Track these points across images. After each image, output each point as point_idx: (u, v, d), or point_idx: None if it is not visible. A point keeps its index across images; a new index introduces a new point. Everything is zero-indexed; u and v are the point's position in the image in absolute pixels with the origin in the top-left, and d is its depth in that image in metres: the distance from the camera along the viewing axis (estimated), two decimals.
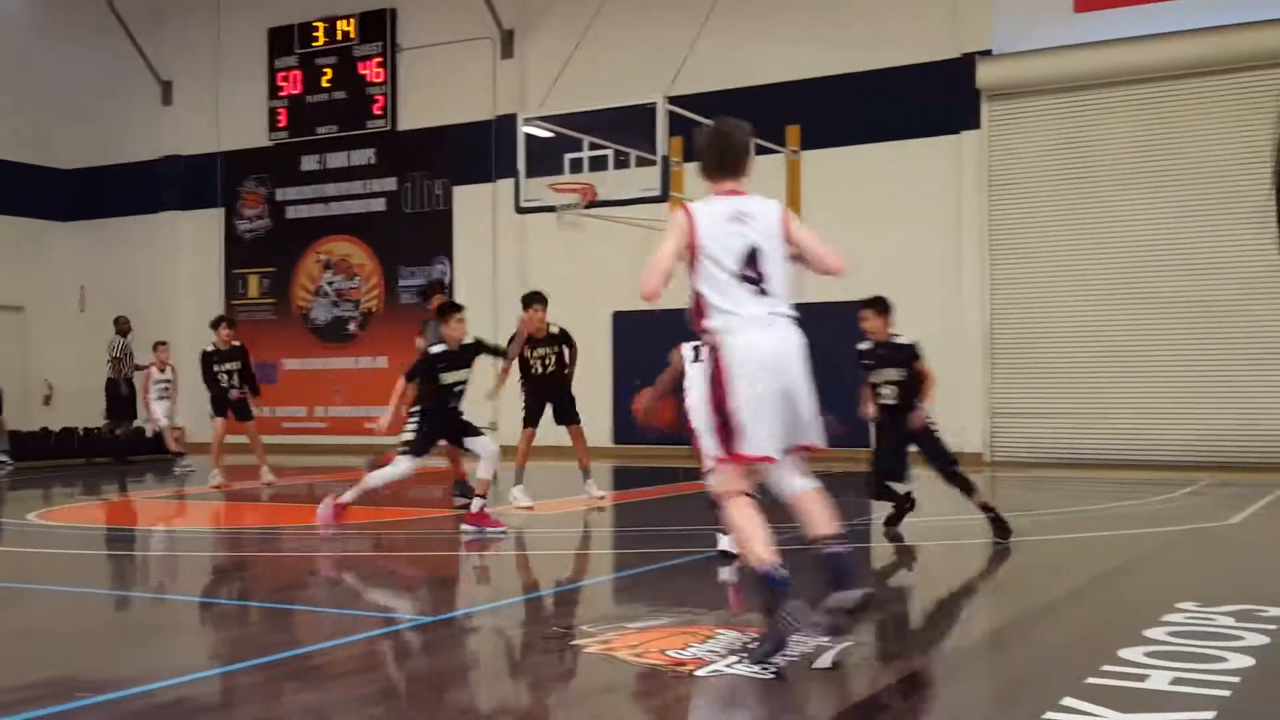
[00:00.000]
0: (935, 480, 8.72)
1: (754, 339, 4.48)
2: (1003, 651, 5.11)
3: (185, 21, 21.41)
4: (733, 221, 4.58)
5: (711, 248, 4.54)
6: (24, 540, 9.29)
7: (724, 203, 4.65)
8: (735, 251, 4.54)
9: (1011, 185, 15.47)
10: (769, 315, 4.54)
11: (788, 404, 4.53)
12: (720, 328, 4.51)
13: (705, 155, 4.78)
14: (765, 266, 4.57)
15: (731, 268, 4.53)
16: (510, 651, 5.21)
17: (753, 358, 4.46)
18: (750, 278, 4.54)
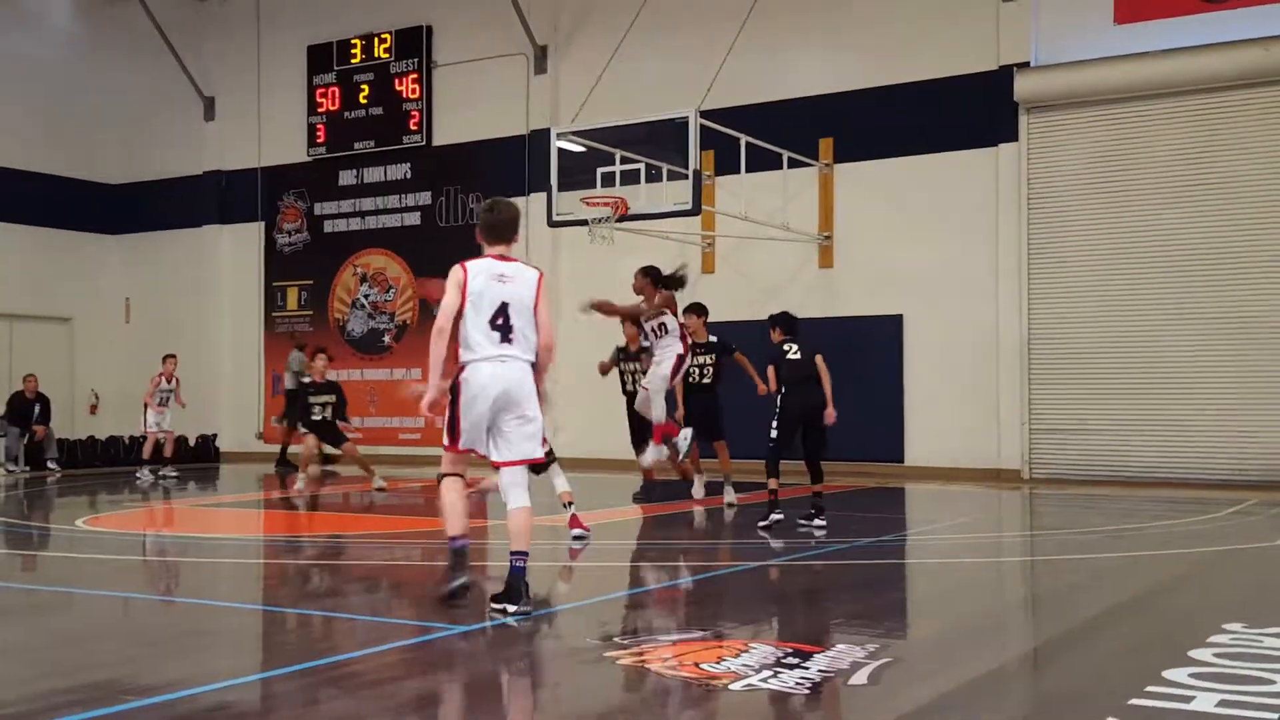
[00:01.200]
0: (975, 497, 8.64)
1: (485, 373, 5.74)
2: (1043, 671, 5.05)
3: (228, 39, 21.69)
4: (494, 280, 5.81)
5: (475, 298, 5.77)
6: (73, 546, 9.41)
7: (490, 264, 5.89)
8: (493, 304, 5.77)
9: (1050, 198, 15.35)
10: (503, 356, 5.77)
11: (492, 420, 5.79)
12: (467, 361, 5.81)
13: (482, 225, 6.09)
14: (513, 319, 5.79)
15: (486, 315, 5.75)
16: (544, 662, 5.21)
17: (480, 384, 5.74)
18: (499, 325, 5.76)
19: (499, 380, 5.72)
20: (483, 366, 5.74)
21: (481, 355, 5.74)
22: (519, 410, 5.77)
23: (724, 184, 16.52)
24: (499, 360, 5.75)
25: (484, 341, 5.75)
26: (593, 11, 18.24)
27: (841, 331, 16.35)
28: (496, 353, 5.75)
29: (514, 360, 5.78)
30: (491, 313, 5.76)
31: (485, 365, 5.73)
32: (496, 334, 5.76)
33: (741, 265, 17.10)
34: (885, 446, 16.04)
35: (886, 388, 16.09)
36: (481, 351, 5.75)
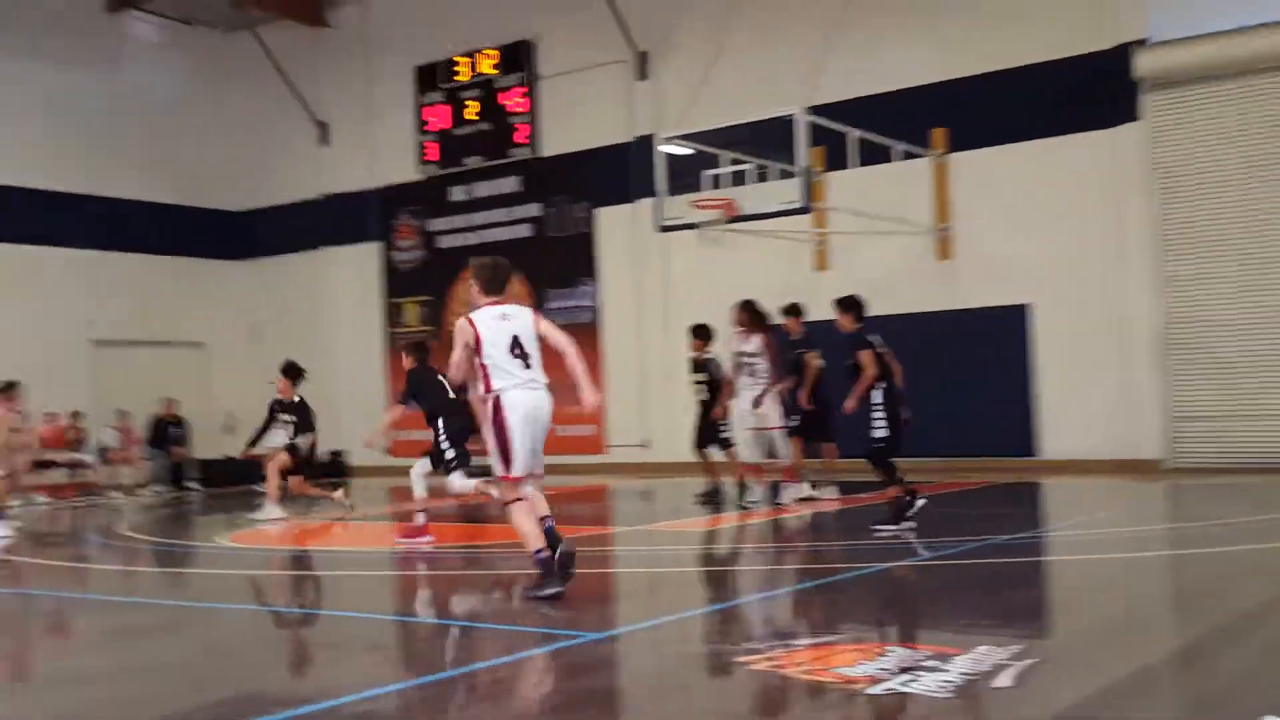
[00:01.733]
0: (1114, 489, 8.35)
1: (522, 396, 6.46)
2: (1193, 668, 4.83)
3: (338, 65, 22.24)
4: (500, 320, 6.59)
5: (490, 338, 6.50)
6: (215, 562, 9.71)
7: (493, 309, 6.65)
8: (506, 339, 6.52)
9: (1179, 177, 14.77)
10: (531, 381, 6.50)
11: (536, 443, 6.52)
12: (500, 389, 6.45)
13: (482, 280, 6.78)
14: (526, 348, 6.54)
15: (504, 348, 6.49)
16: (677, 669, 5.16)
17: (523, 407, 6.44)
18: (518, 354, 6.51)
19: (535, 404, 6.52)
20: (517, 394, 6.44)
21: (513, 382, 6.46)
22: (547, 427, 6.63)
23: (834, 180, 16.31)
24: (529, 386, 6.49)
25: (511, 369, 6.48)
26: (692, 14, 18.20)
27: (963, 324, 16.01)
28: (526, 378, 6.49)
29: (539, 385, 6.56)
30: (508, 344, 6.51)
31: (518, 392, 6.44)
32: (519, 361, 6.51)
33: (855, 261, 16.84)
34: (1016, 441, 15.61)
35: (1014, 380, 15.67)
36: (512, 379, 6.47)
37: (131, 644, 6.19)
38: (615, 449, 19.13)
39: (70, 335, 20.19)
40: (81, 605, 7.93)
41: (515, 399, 6.44)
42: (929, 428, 16.07)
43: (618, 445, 19.10)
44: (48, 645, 6.59)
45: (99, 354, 20.77)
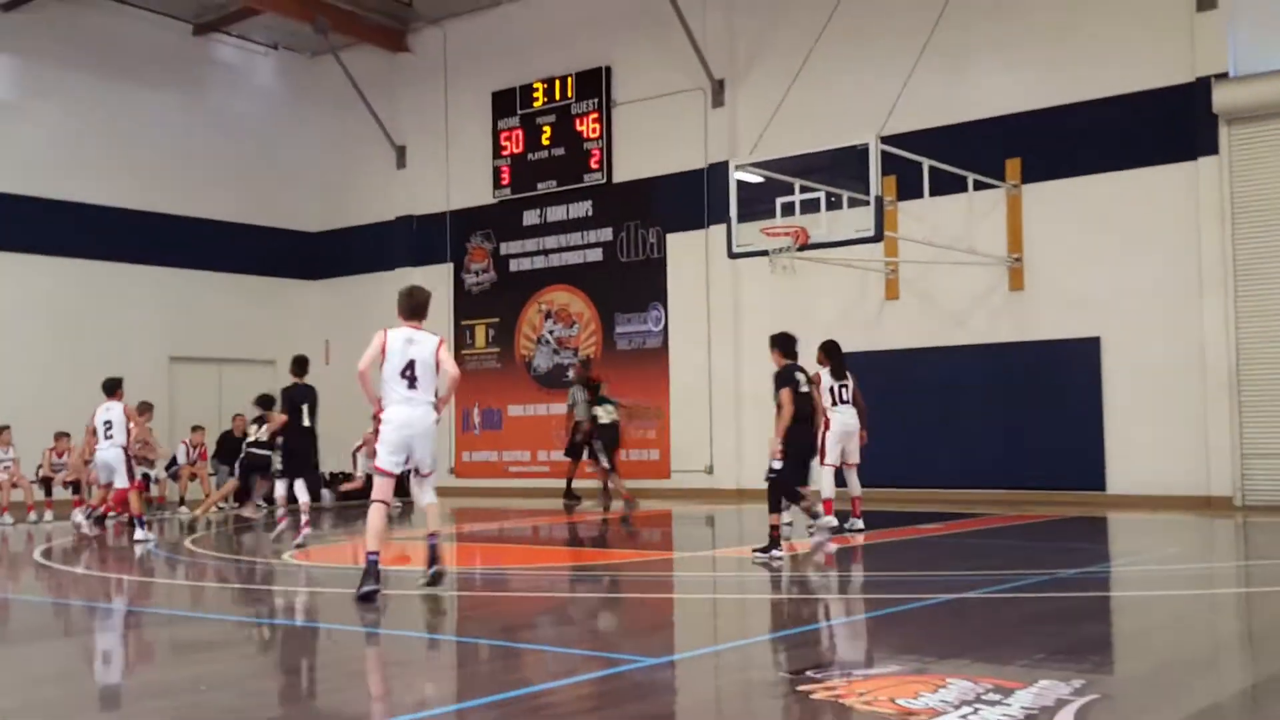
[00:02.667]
0: (1184, 525, 8.20)
1: (400, 411, 7.85)
2: (1262, 709, 4.76)
3: (417, 90, 22.68)
4: (406, 343, 7.88)
5: (390, 356, 7.84)
6: (278, 579, 9.92)
7: (404, 331, 7.97)
8: (403, 359, 7.82)
9: (1258, 212, 14.52)
10: (411, 398, 7.83)
11: (408, 447, 7.89)
12: (386, 403, 7.87)
13: (401, 305, 8.16)
14: (416, 371, 7.84)
15: (397, 367, 7.81)
16: (735, 696, 5.19)
17: (396, 420, 7.85)
18: (406, 376, 7.80)
19: (407, 417, 7.83)
20: (394, 408, 7.85)
21: (394, 399, 7.84)
22: (425, 438, 7.90)
23: (907, 209, 16.28)
24: (407, 403, 7.83)
25: (397, 387, 7.83)
26: (769, 44, 18.31)
27: (1035, 355, 15.86)
28: (405, 395, 7.82)
29: (419, 402, 7.87)
30: (401, 366, 7.82)
31: (396, 407, 7.84)
32: (404, 381, 7.82)
33: (927, 291, 16.78)
34: (1085, 474, 15.40)
35: (1084, 413, 15.47)
36: (394, 395, 7.84)
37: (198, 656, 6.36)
38: (679, 474, 19.17)
39: (150, 351, 20.73)
40: (161, 619, 8.14)
41: (391, 413, 7.84)
42: (996, 459, 15.99)
43: (681, 470, 19.14)
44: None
45: (176, 370, 21.30)
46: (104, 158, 20.77)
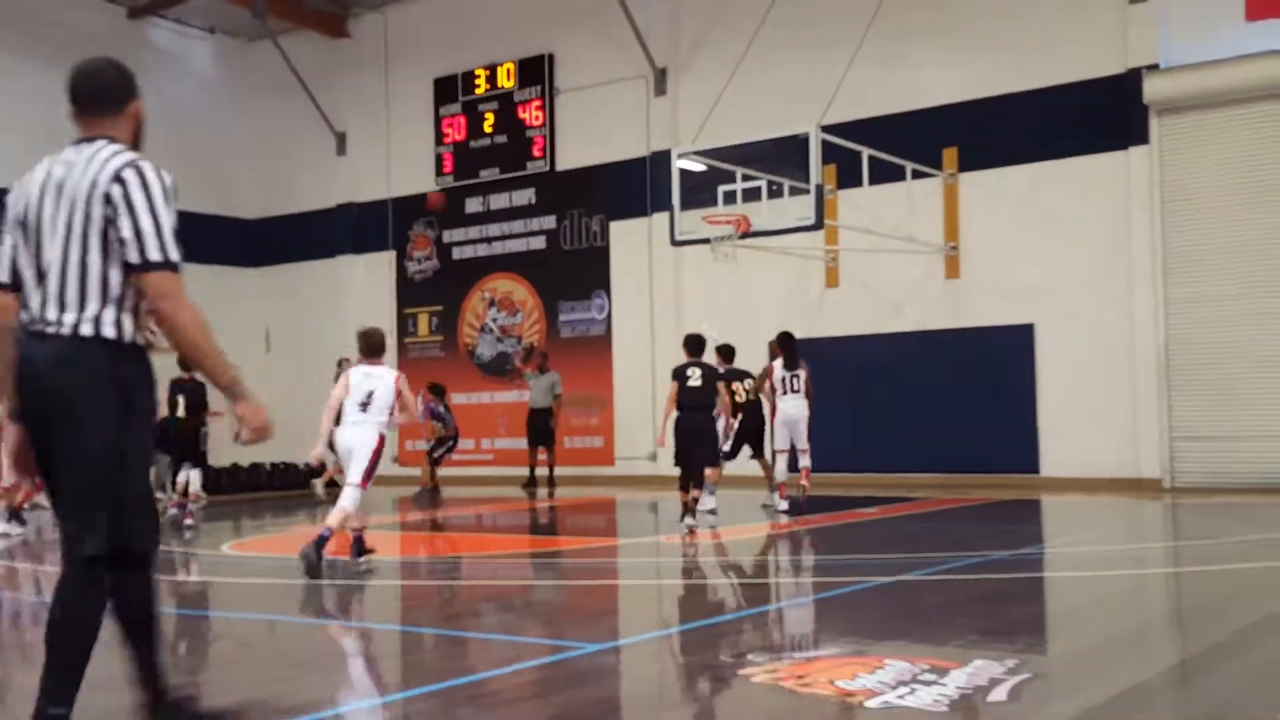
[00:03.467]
0: (1115, 507, 8.41)
1: (345, 431, 8.85)
2: (1190, 686, 4.90)
3: (357, 76, 22.45)
4: (364, 377, 8.94)
5: (353, 390, 8.88)
6: (218, 570, 9.83)
7: (363, 368, 9.02)
8: (362, 391, 8.87)
9: (1186, 201, 14.87)
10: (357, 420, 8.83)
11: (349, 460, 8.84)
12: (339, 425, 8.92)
13: (360, 345, 9.18)
14: (375, 400, 8.85)
15: (358, 399, 8.84)
16: (677, 681, 5.26)
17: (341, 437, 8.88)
18: (362, 404, 8.83)
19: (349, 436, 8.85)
20: (342, 429, 8.89)
21: (347, 422, 8.87)
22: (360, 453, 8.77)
23: (846, 197, 16.44)
24: (352, 424, 8.83)
25: (351, 413, 8.86)
26: (711, 32, 18.36)
27: (970, 342, 16.11)
28: (356, 419, 8.84)
29: (363, 423, 8.82)
30: (360, 398, 8.85)
31: (343, 428, 8.88)
32: (360, 408, 8.85)
33: (866, 279, 16.97)
34: (1019, 458, 15.69)
35: (1019, 398, 15.76)
36: (347, 420, 8.87)
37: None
38: (623, 461, 19.24)
39: None
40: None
41: (341, 433, 8.92)
42: (933, 443, 16.24)
43: (625, 458, 19.21)
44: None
45: None
46: (34, 144, 20.26)
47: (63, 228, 3.56)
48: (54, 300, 3.55)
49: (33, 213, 3.63)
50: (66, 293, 3.54)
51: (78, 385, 3.51)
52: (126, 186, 3.56)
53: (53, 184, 3.63)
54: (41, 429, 3.57)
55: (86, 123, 3.76)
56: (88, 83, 3.78)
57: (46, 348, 3.53)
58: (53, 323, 3.54)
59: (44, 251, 3.60)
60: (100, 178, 3.57)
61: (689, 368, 11.13)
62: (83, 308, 3.54)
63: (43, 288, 3.57)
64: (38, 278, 3.60)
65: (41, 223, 3.61)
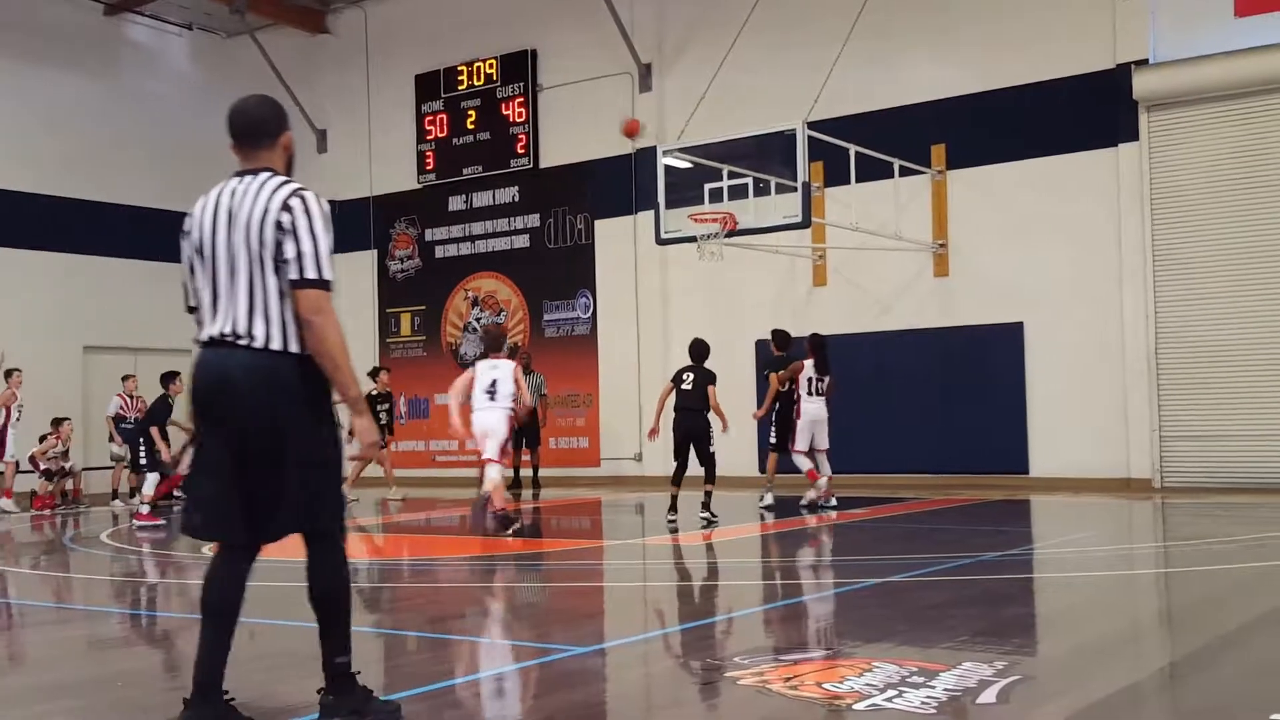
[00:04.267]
0: (1105, 508, 8.33)
1: (480, 415, 10.77)
2: (1181, 687, 4.83)
3: (338, 72, 22.28)
4: (490, 369, 10.84)
5: (478, 380, 10.79)
6: (198, 572, 9.67)
7: (487, 362, 10.95)
8: (487, 380, 10.76)
9: (1175, 198, 14.82)
10: (489, 405, 10.73)
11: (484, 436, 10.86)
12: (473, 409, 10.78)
13: (485, 342, 11.61)
14: (499, 388, 10.74)
15: (484, 387, 10.74)
16: (664, 683, 5.16)
17: (477, 419, 10.80)
18: (488, 391, 10.69)
19: (484, 418, 10.75)
20: (477, 413, 10.77)
21: (478, 406, 10.76)
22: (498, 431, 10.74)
23: (834, 195, 16.35)
24: (485, 408, 10.74)
25: (480, 399, 10.74)
26: (696, 28, 18.26)
27: (959, 340, 16.04)
28: (486, 404, 10.74)
29: (493, 407, 10.72)
30: (486, 385, 10.74)
31: (478, 412, 10.76)
32: (487, 395, 10.72)
33: (854, 277, 16.89)
34: (1008, 458, 15.63)
35: (1008, 397, 15.70)
36: (478, 404, 10.76)
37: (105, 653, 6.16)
38: (608, 462, 19.12)
39: (62, 341, 20.15)
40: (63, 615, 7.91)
41: (476, 417, 10.76)
42: (922, 443, 16.17)
43: (611, 458, 19.10)
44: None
45: (90, 360, 20.74)
46: (11, 142, 20.11)
47: (242, 252, 3.97)
48: (243, 316, 3.96)
49: (208, 241, 4.07)
50: (254, 310, 3.95)
51: (282, 395, 3.94)
52: (293, 213, 3.99)
53: (224, 213, 4.08)
54: (234, 433, 3.94)
55: (247, 155, 4.20)
56: (245, 119, 4.20)
57: (239, 357, 3.94)
58: (244, 335, 3.95)
59: (221, 274, 4.01)
60: (271, 206, 3.99)
61: (685, 371, 11.77)
62: (268, 323, 3.94)
63: (228, 306, 3.98)
64: (214, 299, 4.02)
65: (216, 249, 4.03)
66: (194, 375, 4.04)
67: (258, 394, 3.90)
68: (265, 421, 3.90)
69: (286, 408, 3.92)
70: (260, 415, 3.90)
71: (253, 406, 3.90)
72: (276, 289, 3.94)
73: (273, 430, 3.90)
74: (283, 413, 3.92)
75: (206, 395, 3.99)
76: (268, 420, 3.90)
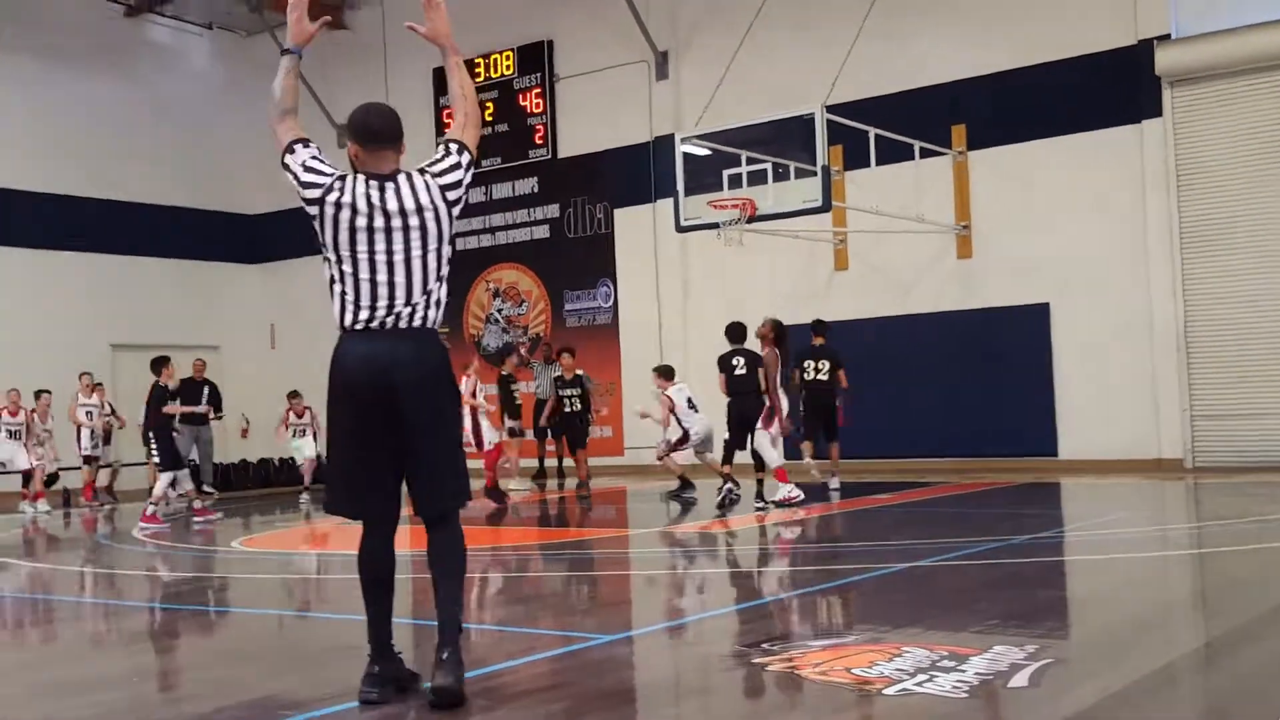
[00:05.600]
0: (1136, 489, 8.25)
1: (699, 417, 12.42)
2: (1215, 668, 4.77)
3: (356, 67, 22.28)
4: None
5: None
6: (229, 567, 9.73)
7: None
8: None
9: (1202, 174, 14.64)
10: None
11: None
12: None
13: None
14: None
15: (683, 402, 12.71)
16: (692, 671, 5.14)
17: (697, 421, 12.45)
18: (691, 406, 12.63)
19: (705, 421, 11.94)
20: (699, 416, 12.06)
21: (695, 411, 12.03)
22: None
23: (854, 178, 16.24)
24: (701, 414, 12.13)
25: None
26: (712, 14, 18.17)
27: (984, 323, 15.92)
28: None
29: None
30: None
31: (700, 415, 12.04)
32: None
33: (876, 260, 16.79)
34: (1037, 440, 15.51)
35: (1035, 379, 15.57)
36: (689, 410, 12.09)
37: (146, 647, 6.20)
38: (632, 451, 19.10)
39: (91, 339, 20.30)
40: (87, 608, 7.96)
41: (699, 418, 12.25)
42: (948, 427, 16.07)
43: (634, 447, 19.07)
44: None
45: (119, 357, 20.88)
46: (35, 143, 20.25)
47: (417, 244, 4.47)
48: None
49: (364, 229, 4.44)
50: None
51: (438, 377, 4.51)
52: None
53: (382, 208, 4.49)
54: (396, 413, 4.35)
55: (382, 155, 4.69)
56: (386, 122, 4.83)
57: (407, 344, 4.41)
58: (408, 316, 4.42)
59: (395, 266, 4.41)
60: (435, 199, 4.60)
61: (734, 356, 11.71)
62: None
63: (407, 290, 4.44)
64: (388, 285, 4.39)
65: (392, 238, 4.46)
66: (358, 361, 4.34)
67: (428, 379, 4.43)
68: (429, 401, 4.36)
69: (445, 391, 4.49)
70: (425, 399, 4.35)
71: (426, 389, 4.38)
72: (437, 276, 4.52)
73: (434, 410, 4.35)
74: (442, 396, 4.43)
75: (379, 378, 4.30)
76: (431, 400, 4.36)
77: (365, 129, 4.65)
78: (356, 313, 4.32)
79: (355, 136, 4.64)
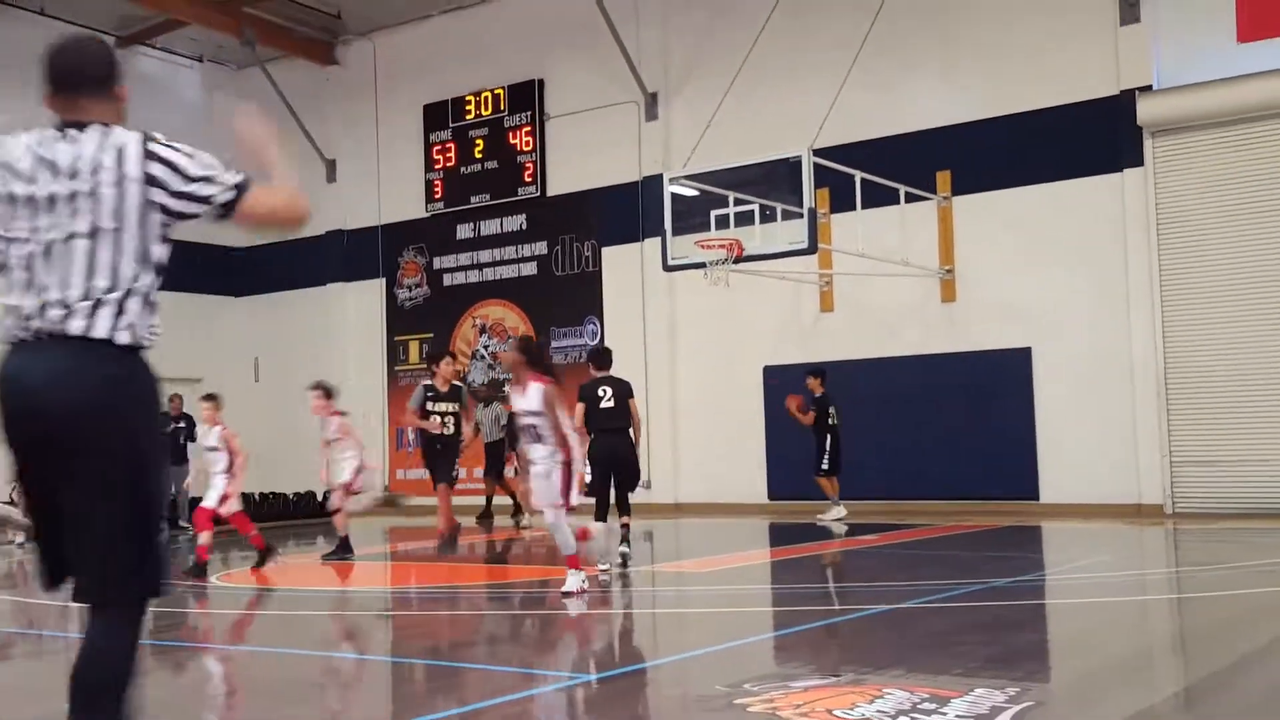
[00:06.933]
0: (1116, 533, 8.28)
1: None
2: (1193, 712, 4.78)
3: (347, 103, 22.41)
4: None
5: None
6: (207, 602, 9.66)
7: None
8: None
9: (1181, 222, 14.80)
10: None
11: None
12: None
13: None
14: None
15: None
16: (672, 711, 5.12)
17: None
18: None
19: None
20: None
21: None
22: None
23: (840, 221, 16.36)
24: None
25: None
26: (702, 56, 18.35)
27: (967, 366, 16.00)
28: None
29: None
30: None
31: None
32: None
33: (861, 303, 16.88)
34: (1018, 484, 15.55)
35: (1017, 423, 15.64)
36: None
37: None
38: None
39: None
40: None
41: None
42: (930, 470, 16.11)
43: None
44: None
45: None
46: None
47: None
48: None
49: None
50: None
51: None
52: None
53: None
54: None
55: (76, 105, 3.52)
56: (75, 60, 3.51)
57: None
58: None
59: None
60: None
61: (599, 385, 10.22)
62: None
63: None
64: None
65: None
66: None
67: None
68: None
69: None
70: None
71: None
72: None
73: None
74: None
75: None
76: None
77: (49, 71, 3.47)
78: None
79: (43, 83, 3.47)
